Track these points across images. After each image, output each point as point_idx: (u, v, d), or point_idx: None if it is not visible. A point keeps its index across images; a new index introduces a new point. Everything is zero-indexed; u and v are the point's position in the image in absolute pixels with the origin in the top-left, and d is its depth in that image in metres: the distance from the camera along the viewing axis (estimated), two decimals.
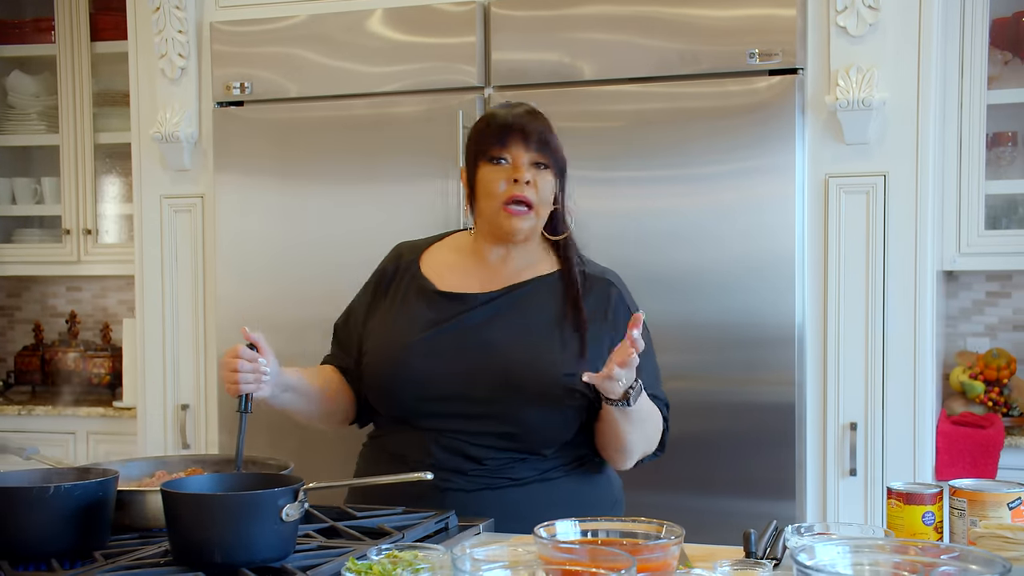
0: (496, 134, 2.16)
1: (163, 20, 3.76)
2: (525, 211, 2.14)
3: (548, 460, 2.17)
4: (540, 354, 2.12)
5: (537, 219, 2.17)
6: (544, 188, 2.16)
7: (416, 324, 2.19)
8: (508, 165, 2.15)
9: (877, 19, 3.14)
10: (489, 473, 2.13)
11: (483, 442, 2.12)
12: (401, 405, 2.17)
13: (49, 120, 4.53)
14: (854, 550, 1.30)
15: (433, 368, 2.14)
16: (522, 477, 2.14)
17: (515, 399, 2.09)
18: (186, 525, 1.54)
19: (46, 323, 4.83)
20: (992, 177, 3.55)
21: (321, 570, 1.53)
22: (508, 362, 2.11)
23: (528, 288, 2.21)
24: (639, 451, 2.20)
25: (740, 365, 3.21)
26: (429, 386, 2.13)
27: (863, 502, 3.20)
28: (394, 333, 2.20)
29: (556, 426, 2.14)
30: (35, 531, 1.57)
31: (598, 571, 1.30)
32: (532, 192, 2.13)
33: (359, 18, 3.55)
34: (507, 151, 2.15)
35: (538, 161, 2.16)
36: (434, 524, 1.87)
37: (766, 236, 3.19)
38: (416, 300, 2.23)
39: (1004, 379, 3.62)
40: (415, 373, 2.14)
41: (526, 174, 2.13)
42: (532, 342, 2.14)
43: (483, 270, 2.24)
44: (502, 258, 2.23)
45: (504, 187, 2.14)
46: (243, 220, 3.68)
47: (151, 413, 3.86)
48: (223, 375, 2.05)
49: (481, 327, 2.17)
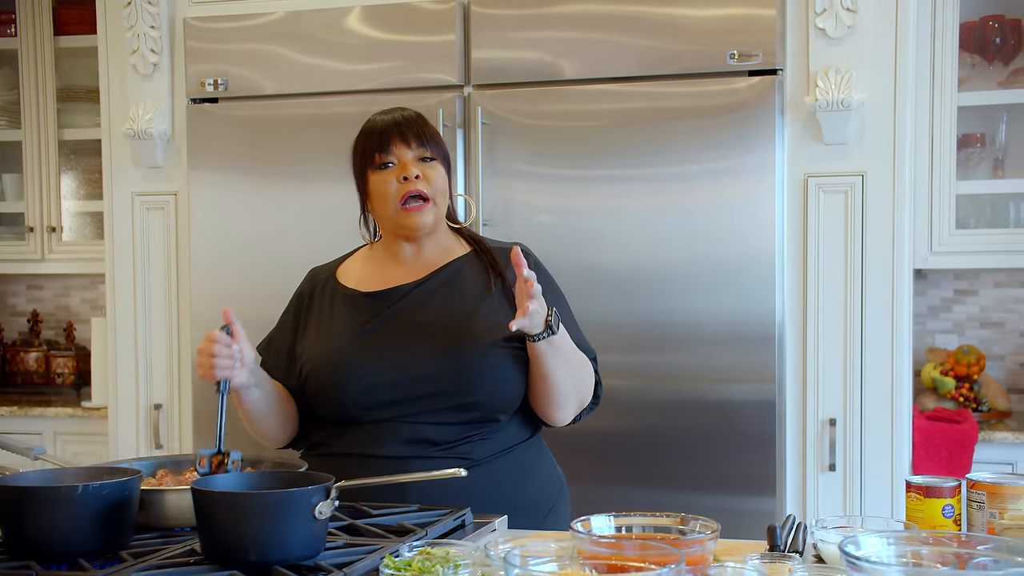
0: (377, 140, 2.23)
1: (135, 15, 3.71)
2: (422, 204, 2.19)
3: (501, 432, 2.21)
4: (477, 321, 2.18)
5: (437, 209, 2.23)
6: (436, 179, 2.21)
7: (350, 327, 2.23)
8: (395, 166, 2.21)
9: (855, 21, 3.19)
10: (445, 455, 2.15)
11: (441, 419, 2.15)
12: (352, 405, 2.18)
13: (9, 115, 4.45)
14: (897, 541, 1.33)
15: (378, 361, 2.17)
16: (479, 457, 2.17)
17: (463, 369, 2.14)
18: (219, 524, 1.53)
19: (5, 322, 4.75)
20: (962, 178, 3.61)
21: (356, 567, 1.52)
22: (449, 335, 2.17)
23: (450, 269, 2.27)
24: (573, 398, 2.24)
25: (720, 363, 3.25)
26: (378, 379, 2.16)
27: (842, 497, 3.25)
28: (330, 341, 2.23)
29: (507, 385, 2.18)
30: (62, 530, 1.55)
31: (646, 566, 1.31)
32: (424, 185, 2.19)
33: (337, 15, 3.54)
34: (391, 154, 2.21)
35: (423, 156, 2.22)
36: (452, 521, 1.88)
37: (746, 235, 3.23)
38: (344, 307, 2.27)
39: (974, 375, 3.70)
40: (360, 370, 2.17)
41: (414, 169, 2.19)
42: (467, 311, 2.20)
43: (400, 267, 2.29)
44: (415, 253, 2.29)
45: (395, 187, 2.19)
46: (217, 218, 3.64)
47: (123, 413, 3.81)
48: (199, 360, 2.03)
49: (414, 312, 2.22)
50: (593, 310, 3.19)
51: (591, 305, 3.19)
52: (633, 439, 3.32)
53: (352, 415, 2.19)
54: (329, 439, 2.24)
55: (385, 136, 2.21)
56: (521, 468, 2.25)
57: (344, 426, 2.21)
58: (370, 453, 2.16)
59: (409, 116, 2.26)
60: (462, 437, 2.17)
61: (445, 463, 2.08)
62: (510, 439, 2.24)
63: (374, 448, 2.16)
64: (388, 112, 2.28)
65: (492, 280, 2.25)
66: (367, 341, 2.19)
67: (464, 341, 2.16)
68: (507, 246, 2.35)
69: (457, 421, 2.17)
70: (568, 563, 1.36)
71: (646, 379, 3.31)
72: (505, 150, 3.41)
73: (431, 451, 2.15)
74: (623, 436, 3.32)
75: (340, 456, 2.18)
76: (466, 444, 2.18)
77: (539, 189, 3.39)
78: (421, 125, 2.24)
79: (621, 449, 3.33)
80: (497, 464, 2.19)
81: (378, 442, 2.16)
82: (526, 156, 3.40)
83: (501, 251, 2.32)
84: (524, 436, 2.28)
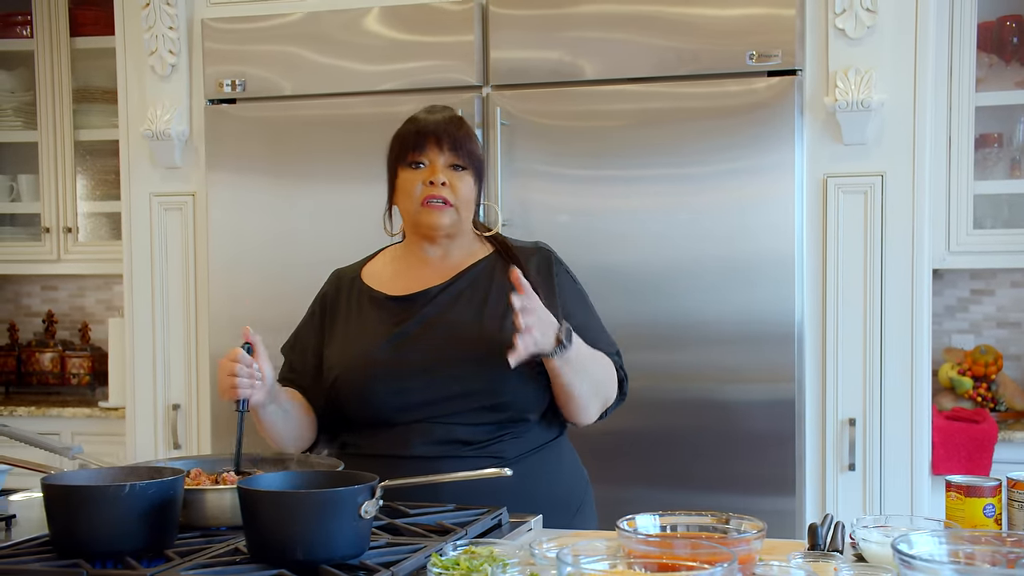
0: (413, 139, 2.23)
1: (153, 16, 3.72)
2: (442, 206, 2.20)
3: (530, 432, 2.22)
4: (505, 323, 2.16)
5: (458, 215, 2.23)
6: (462, 188, 2.22)
7: (379, 330, 2.24)
8: (425, 168, 2.22)
9: (875, 22, 3.20)
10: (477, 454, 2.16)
11: (471, 419, 2.16)
12: (383, 407, 2.19)
13: (25, 116, 4.45)
14: (950, 540, 1.33)
15: (407, 364, 2.18)
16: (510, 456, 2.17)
17: (493, 371, 2.13)
18: (266, 523, 1.53)
19: (21, 323, 4.75)
20: (979, 178, 3.62)
21: (403, 566, 1.53)
22: (477, 337, 2.18)
23: (475, 270, 2.28)
24: (596, 401, 2.25)
25: (740, 363, 3.25)
26: (408, 382, 2.17)
27: (861, 496, 3.25)
28: (359, 344, 2.24)
29: (536, 386, 2.19)
30: (109, 529, 1.55)
31: (698, 565, 1.32)
32: (448, 192, 2.20)
33: (356, 16, 3.54)
34: (424, 155, 2.22)
35: (455, 163, 2.22)
36: (490, 520, 1.88)
37: (766, 235, 3.24)
38: (371, 310, 2.28)
39: (991, 375, 3.70)
40: (390, 373, 2.18)
41: (441, 176, 2.19)
42: (495, 313, 2.21)
43: (425, 269, 2.29)
44: (440, 255, 2.29)
45: (420, 189, 2.21)
46: (235, 218, 3.65)
47: (140, 414, 3.82)
48: (220, 378, 2.05)
49: (442, 315, 2.23)
50: (612, 310, 3.17)
51: (610, 305, 3.17)
52: (652, 439, 3.33)
53: (383, 417, 2.19)
54: (360, 440, 2.24)
55: (421, 136, 2.22)
56: (550, 467, 2.27)
57: (375, 427, 2.22)
58: (402, 454, 2.17)
59: (451, 120, 2.25)
60: (492, 437, 2.18)
61: (477, 462, 2.09)
62: (539, 438, 2.25)
63: (405, 449, 2.17)
64: (433, 111, 2.28)
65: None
66: (396, 345, 2.20)
67: (493, 343, 2.15)
68: (530, 246, 2.36)
69: (487, 421, 2.18)
70: (618, 562, 1.37)
71: (665, 379, 3.31)
72: (523, 150, 3.42)
73: (463, 451, 2.16)
74: (642, 436, 3.33)
75: (371, 457, 2.18)
76: (497, 443, 2.19)
77: (557, 189, 3.40)
78: (460, 132, 2.23)
79: (640, 449, 3.33)
80: (527, 463, 2.20)
81: (409, 443, 2.17)
82: (544, 156, 3.41)
83: (525, 251, 2.33)
84: (552, 435, 2.29)
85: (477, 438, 2.17)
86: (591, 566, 1.31)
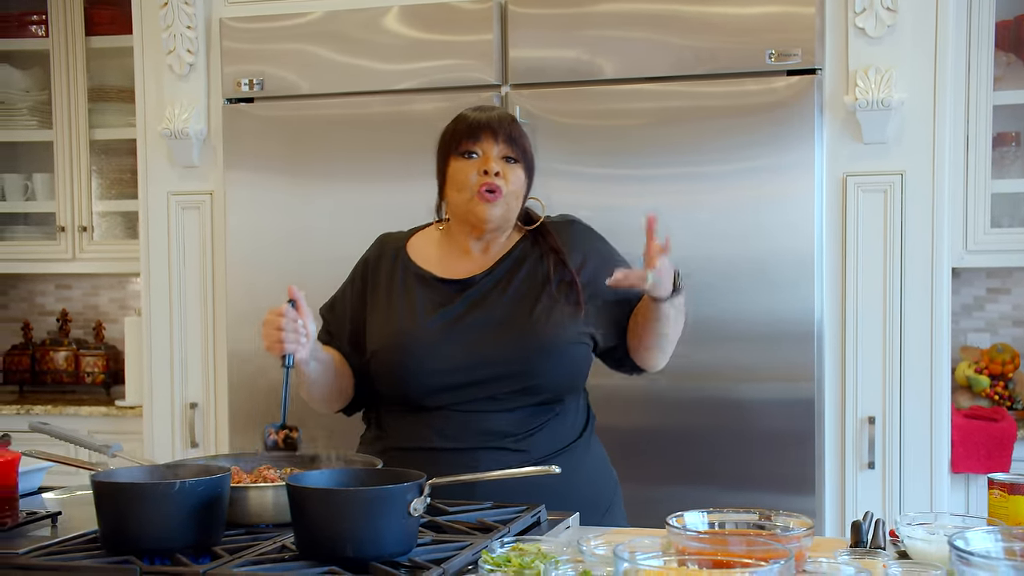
0: (467, 130, 2.25)
1: (171, 15, 3.72)
2: (496, 196, 2.21)
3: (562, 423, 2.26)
4: (544, 303, 2.22)
5: (507, 207, 2.24)
6: (514, 180, 2.24)
7: (423, 308, 2.26)
8: (478, 159, 2.23)
9: (895, 20, 3.21)
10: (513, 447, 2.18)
11: (504, 406, 2.19)
12: (417, 388, 2.21)
13: (41, 116, 4.46)
14: (1005, 538, 1.34)
15: (449, 345, 2.20)
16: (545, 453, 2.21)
17: (531, 350, 2.19)
18: (316, 520, 1.54)
19: (35, 321, 4.75)
20: (996, 176, 3.63)
21: (453, 563, 1.54)
22: (516, 317, 2.22)
23: (514, 254, 2.31)
24: (674, 344, 2.34)
25: (759, 361, 3.26)
26: (445, 363, 2.19)
27: (881, 495, 3.26)
28: (403, 321, 2.26)
29: (574, 366, 2.26)
30: (159, 526, 1.57)
31: (753, 562, 1.32)
32: (502, 182, 2.21)
33: (375, 15, 3.55)
34: (478, 145, 2.23)
35: (508, 155, 2.24)
36: (530, 517, 1.89)
37: (785, 234, 3.24)
38: (417, 287, 2.30)
39: (1008, 373, 3.71)
40: (432, 353, 2.20)
41: (495, 166, 2.21)
42: (534, 295, 2.24)
43: (468, 259, 2.31)
44: (483, 248, 2.32)
45: (475, 178, 2.22)
46: (253, 217, 3.65)
47: (158, 412, 3.82)
48: (266, 333, 2.07)
49: (483, 300, 2.26)
50: None
51: None
52: (672, 437, 3.34)
53: (414, 398, 2.21)
54: (392, 431, 2.26)
55: (476, 127, 2.23)
56: (581, 466, 2.28)
57: (406, 409, 2.23)
58: (436, 446, 2.18)
59: (504, 115, 2.28)
60: (525, 429, 2.20)
61: (511, 456, 2.14)
62: (570, 431, 2.28)
63: (438, 440, 2.19)
64: (483, 110, 2.29)
65: (552, 264, 2.27)
66: (440, 324, 2.22)
67: (531, 322, 2.20)
68: (558, 219, 2.40)
69: (521, 405, 2.20)
70: (671, 559, 1.37)
71: (685, 378, 3.31)
72: (542, 149, 3.39)
73: (497, 442, 2.18)
74: (662, 434, 3.34)
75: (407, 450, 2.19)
76: (529, 437, 2.21)
77: (576, 188, 3.40)
78: (513, 126, 2.26)
79: (660, 447, 3.34)
80: (559, 461, 2.20)
81: (442, 433, 2.19)
82: (563, 155, 3.41)
83: (555, 225, 2.36)
84: (580, 427, 2.32)
85: (511, 430, 2.19)
86: (647, 562, 1.32)
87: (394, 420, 2.27)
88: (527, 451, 2.19)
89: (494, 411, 2.19)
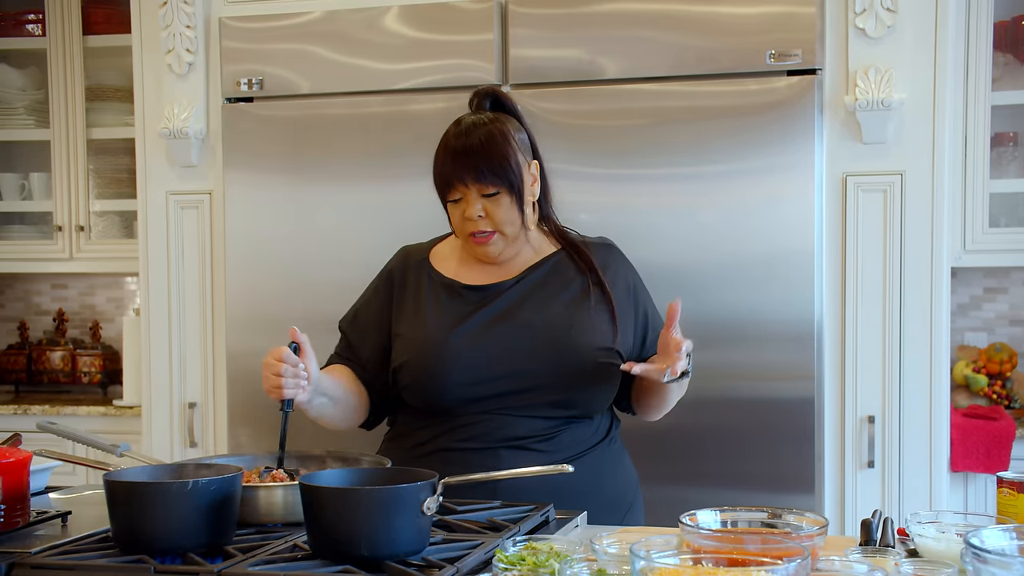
0: (442, 178, 2.25)
1: (170, 15, 3.72)
2: (487, 236, 2.23)
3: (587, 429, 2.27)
4: (577, 321, 2.24)
5: (504, 239, 2.25)
6: (499, 211, 2.23)
7: (451, 318, 2.25)
8: (461, 201, 2.24)
9: (895, 21, 3.21)
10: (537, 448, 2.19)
11: (534, 413, 2.20)
12: (449, 399, 2.21)
13: (37, 115, 4.45)
14: (1020, 536, 1.35)
15: (479, 355, 2.20)
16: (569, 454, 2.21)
17: (565, 368, 2.20)
18: (330, 519, 1.54)
19: (31, 321, 4.75)
20: (994, 176, 3.65)
21: (467, 562, 1.54)
22: (550, 334, 2.22)
23: (545, 267, 2.31)
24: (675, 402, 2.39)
25: (759, 361, 3.27)
26: (478, 374, 2.19)
27: (881, 493, 3.27)
28: (432, 330, 2.25)
29: (606, 386, 2.27)
30: (171, 525, 1.57)
31: (769, 560, 1.33)
32: (486, 223, 2.23)
33: (375, 15, 3.55)
34: (455, 191, 2.24)
35: (485, 192, 2.22)
36: (539, 516, 1.89)
37: (785, 234, 3.25)
38: (444, 296, 2.29)
39: (1006, 372, 3.73)
40: (462, 363, 2.20)
41: (475, 208, 2.21)
42: (567, 312, 2.25)
43: (494, 267, 2.32)
44: (508, 259, 2.31)
45: (462, 224, 2.25)
46: (253, 217, 3.65)
47: (156, 412, 3.81)
48: (265, 377, 2.06)
49: (514, 309, 2.26)
50: None
51: None
52: (672, 436, 3.33)
53: (445, 406, 2.21)
54: (415, 431, 2.26)
55: (445, 175, 2.24)
56: (605, 467, 2.30)
57: (434, 416, 2.24)
58: (458, 447, 2.19)
59: (472, 147, 2.22)
60: (550, 432, 2.21)
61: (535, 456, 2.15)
62: (594, 436, 2.29)
63: (463, 442, 2.19)
64: (458, 135, 2.25)
65: (590, 283, 2.29)
66: (468, 336, 2.22)
67: (566, 341, 2.21)
68: (596, 240, 2.42)
69: (550, 416, 2.21)
70: (688, 557, 1.38)
71: None
72: (543, 149, 3.34)
73: (522, 444, 2.19)
74: (661, 434, 3.31)
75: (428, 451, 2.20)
76: (553, 439, 2.21)
77: (577, 188, 3.40)
78: (481, 158, 2.21)
79: (660, 447, 3.34)
80: (583, 462, 2.21)
81: (469, 436, 2.19)
82: (564, 155, 3.41)
83: (593, 247, 2.38)
84: (604, 431, 2.33)
85: (535, 433, 2.20)
86: (663, 560, 1.32)
87: (417, 422, 2.27)
88: (550, 452, 2.20)
89: (523, 417, 2.20)
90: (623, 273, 2.37)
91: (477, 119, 2.28)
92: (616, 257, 2.40)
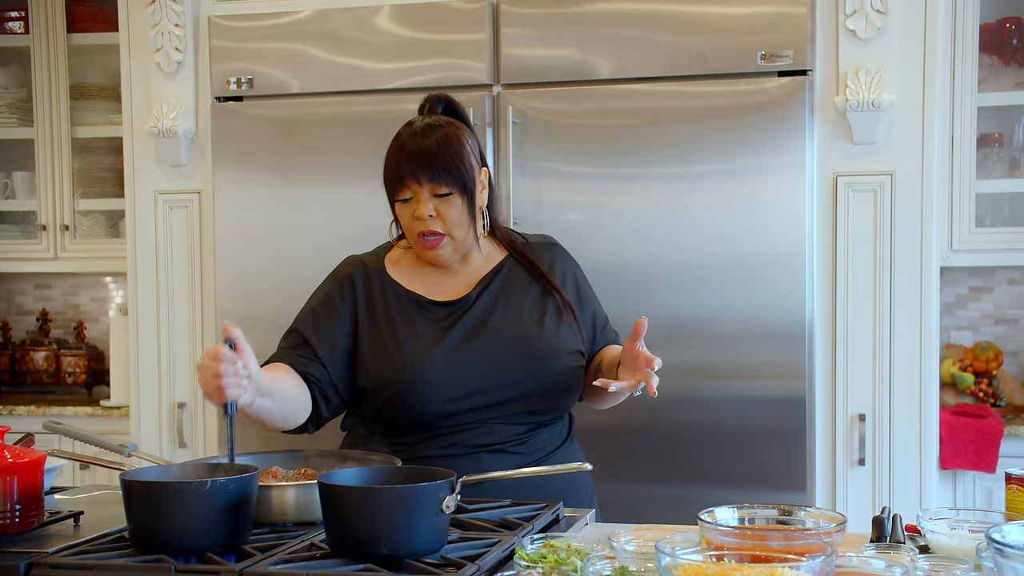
0: (393, 176, 2.24)
1: (159, 13, 3.70)
2: (437, 239, 2.24)
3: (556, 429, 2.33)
4: (546, 328, 2.28)
5: (454, 242, 2.26)
6: (451, 214, 2.23)
7: (427, 337, 2.25)
8: (411, 200, 2.23)
9: (885, 23, 3.24)
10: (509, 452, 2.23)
11: (511, 420, 2.24)
12: (426, 415, 2.21)
13: (20, 113, 4.41)
14: None
15: (456, 373, 2.21)
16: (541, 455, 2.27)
17: (539, 376, 2.24)
18: (350, 518, 1.54)
19: (13, 321, 4.71)
20: (980, 177, 3.68)
21: (486, 560, 1.54)
22: (522, 345, 2.25)
23: (502, 274, 2.34)
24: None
25: (751, 360, 3.29)
26: (457, 389, 2.20)
27: (871, 491, 3.30)
28: (409, 351, 2.22)
29: (574, 387, 2.32)
30: (189, 525, 1.56)
31: (793, 557, 1.34)
32: (437, 223, 2.23)
33: (366, 14, 3.54)
34: (406, 189, 2.23)
35: (437, 192, 2.22)
36: (550, 514, 1.90)
37: (776, 234, 3.27)
38: (413, 313, 2.28)
39: (993, 371, 3.77)
40: (441, 381, 2.20)
41: (427, 208, 2.21)
42: (533, 319, 2.28)
43: (451, 277, 2.34)
44: (460, 263, 2.34)
45: (412, 223, 2.24)
46: (242, 216, 3.64)
47: (145, 412, 3.79)
48: (203, 380, 1.88)
49: (483, 321, 2.27)
50: (623, 307, 3.19)
51: (620, 303, 3.19)
52: (663, 435, 3.35)
53: (423, 422, 2.22)
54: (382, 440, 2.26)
55: (398, 173, 2.23)
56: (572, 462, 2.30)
57: (407, 426, 2.24)
58: (440, 454, 2.21)
59: (427, 148, 2.21)
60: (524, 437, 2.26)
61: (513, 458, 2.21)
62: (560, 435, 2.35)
63: (445, 449, 2.21)
64: (412, 136, 2.24)
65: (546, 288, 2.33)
66: (444, 354, 2.22)
67: (540, 349, 2.25)
68: (539, 237, 2.46)
69: (526, 421, 2.26)
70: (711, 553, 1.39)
71: (676, 376, 3.29)
72: (535, 149, 3.43)
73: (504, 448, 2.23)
74: (654, 432, 3.35)
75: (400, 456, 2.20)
76: (528, 442, 2.26)
77: (568, 188, 3.42)
78: (436, 158, 2.20)
79: (652, 445, 3.36)
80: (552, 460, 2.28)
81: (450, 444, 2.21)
82: (556, 155, 3.43)
83: (537, 247, 2.41)
84: (567, 430, 2.39)
85: (511, 437, 2.24)
86: (688, 557, 1.33)
87: (385, 430, 2.27)
88: (525, 454, 2.25)
89: (501, 423, 2.24)
90: (569, 269, 2.42)
91: (432, 120, 2.29)
92: (559, 254, 2.44)
